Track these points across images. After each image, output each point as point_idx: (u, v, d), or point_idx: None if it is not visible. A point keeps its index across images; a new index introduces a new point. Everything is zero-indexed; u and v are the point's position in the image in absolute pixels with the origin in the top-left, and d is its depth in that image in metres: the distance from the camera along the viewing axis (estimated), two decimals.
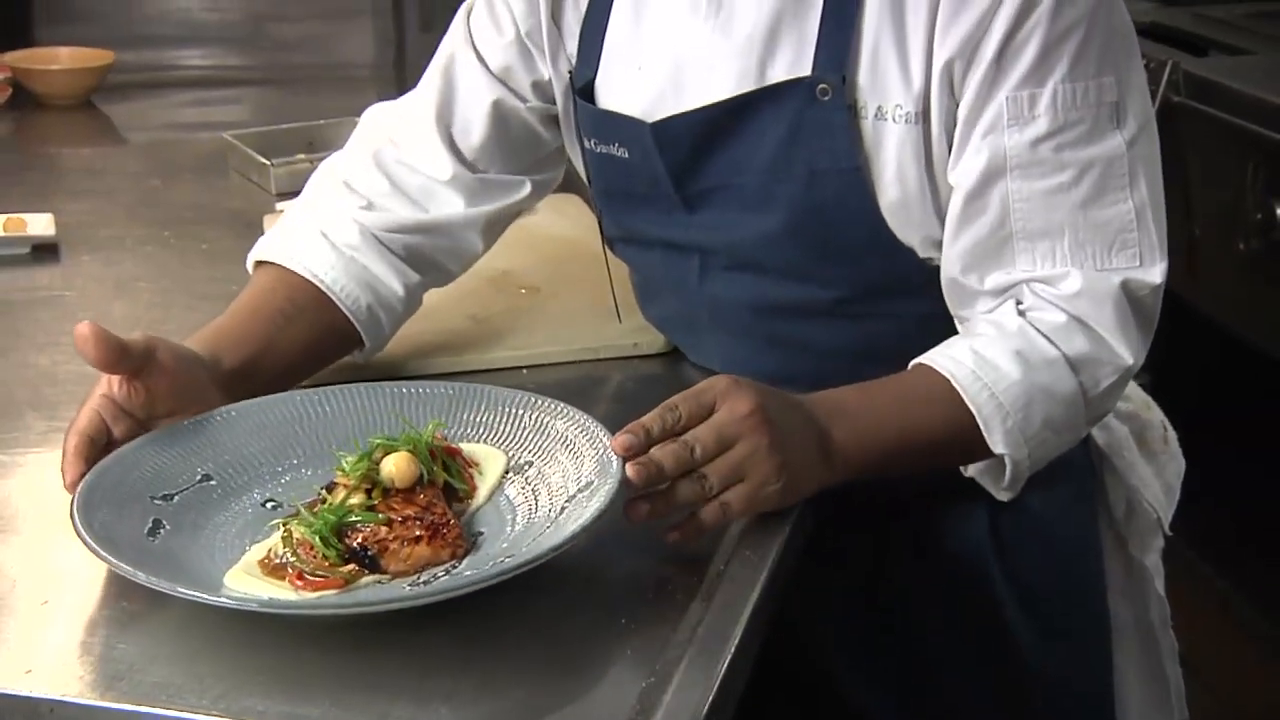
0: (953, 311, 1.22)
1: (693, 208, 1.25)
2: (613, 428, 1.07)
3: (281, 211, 1.79)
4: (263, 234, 1.66)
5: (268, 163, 1.93)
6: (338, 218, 1.31)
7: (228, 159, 2.03)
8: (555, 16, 1.31)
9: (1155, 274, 1.16)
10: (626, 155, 1.26)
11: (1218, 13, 2.59)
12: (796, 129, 1.17)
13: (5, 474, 1.21)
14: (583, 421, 1.11)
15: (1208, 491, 1.57)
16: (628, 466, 1.01)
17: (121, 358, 1.07)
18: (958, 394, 1.13)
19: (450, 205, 1.34)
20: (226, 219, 1.83)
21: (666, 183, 1.24)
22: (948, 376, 1.14)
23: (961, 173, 1.16)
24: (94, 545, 0.96)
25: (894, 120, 1.15)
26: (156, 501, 1.06)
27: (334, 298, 1.27)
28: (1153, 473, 1.39)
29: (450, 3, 2.97)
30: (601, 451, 1.06)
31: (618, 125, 1.26)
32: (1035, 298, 1.16)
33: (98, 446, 1.08)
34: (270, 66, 2.67)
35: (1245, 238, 2.16)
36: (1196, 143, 2.28)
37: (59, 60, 2.44)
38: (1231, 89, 2.20)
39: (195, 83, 2.62)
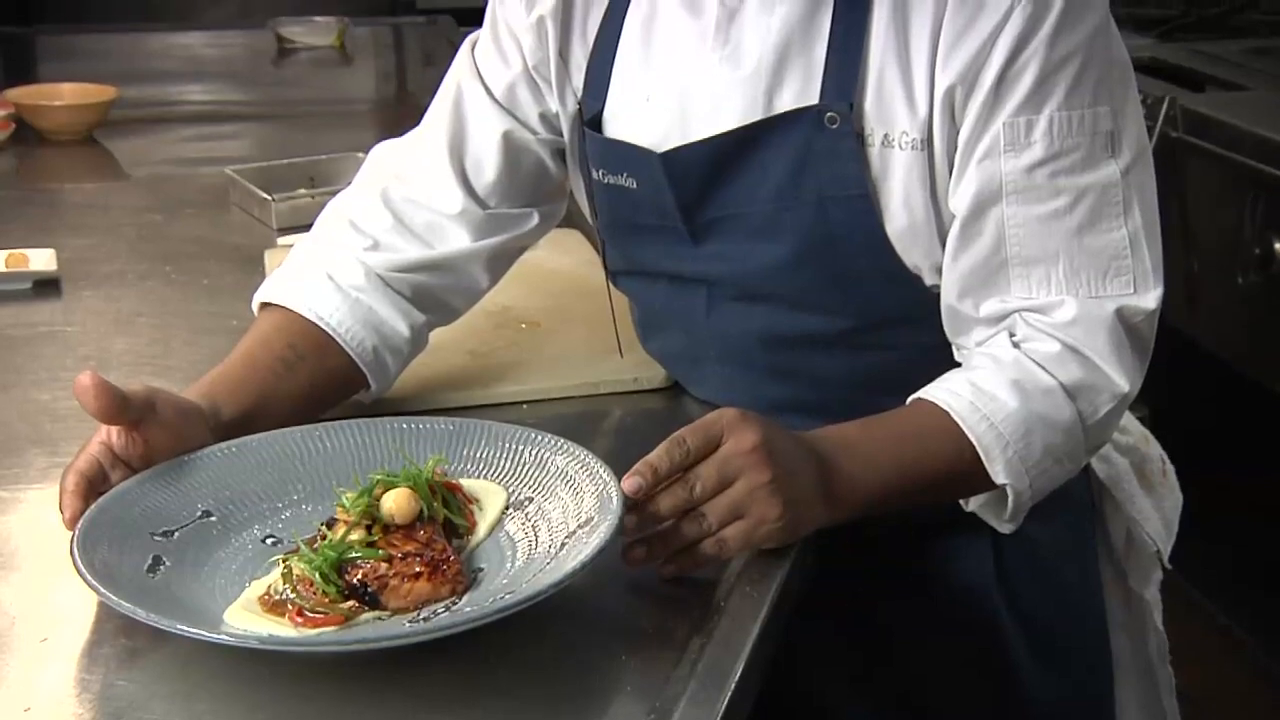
0: (951, 340, 1.22)
1: (699, 239, 1.25)
2: (613, 463, 1.07)
3: (282, 246, 1.81)
4: (264, 268, 1.69)
5: (269, 198, 1.94)
6: (343, 259, 1.31)
7: (229, 194, 2.04)
8: (563, 51, 1.31)
9: (1150, 300, 1.16)
10: (635, 185, 1.26)
11: (1214, 49, 2.61)
12: (805, 157, 1.18)
13: (5, 510, 1.21)
14: (583, 457, 1.11)
15: (1207, 525, 1.57)
16: (626, 517, 1.02)
17: (121, 409, 1.07)
18: (957, 426, 1.13)
19: (456, 240, 1.34)
20: (228, 254, 1.83)
21: (674, 214, 1.25)
22: (946, 409, 1.14)
23: (959, 198, 1.17)
24: (94, 582, 0.96)
25: (900, 147, 1.16)
26: (157, 538, 1.06)
27: (339, 341, 1.27)
28: (1151, 505, 1.40)
29: (451, 39, 3.00)
30: (602, 487, 1.06)
31: (627, 155, 1.26)
32: (1029, 328, 1.16)
33: (95, 488, 1.08)
34: (272, 101, 2.68)
35: (1244, 271, 2.17)
36: (1195, 177, 2.29)
37: (62, 96, 2.45)
38: (1229, 124, 2.21)
39: (197, 118, 2.62)
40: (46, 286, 1.70)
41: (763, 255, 1.23)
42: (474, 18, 1.43)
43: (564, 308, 1.56)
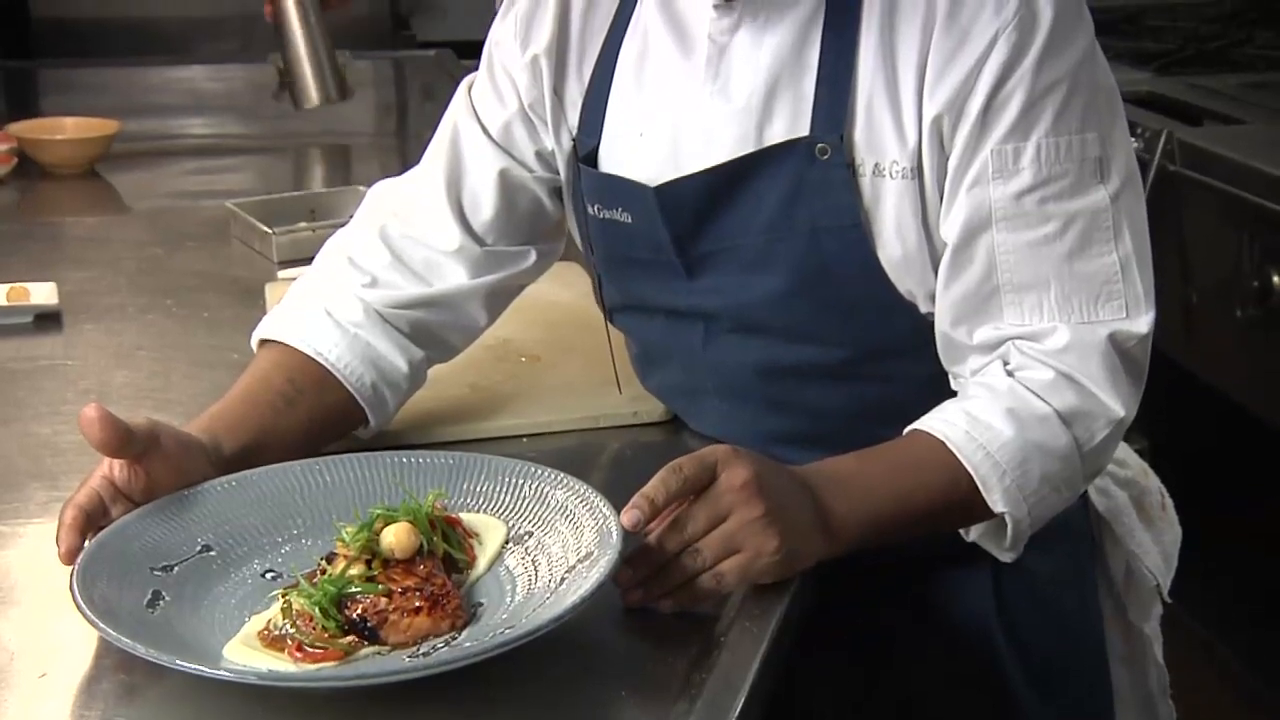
0: (946, 368, 1.22)
1: (694, 273, 1.26)
2: (613, 496, 1.07)
3: (283, 279, 1.81)
4: (264, 302, 1.70)
5: (270, 231, 1.94)
6: (342, 295, 1.31)
7: (230, 227, 2.04)
8: (558, 89, 1.32)
9: (1142, 324, 1.17)
10: (629, 220, 1.27)
11: (1211, 83, 2.62)
12: (797, 188, 1.19)
13: (5, 544, 1.21)
14: (583, 492, 1.11)
15: (1207, 558, 1.57)
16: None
17: (125, 443, 1.08)
18: (954, 456, 1.14)
19: (454, 278, 1.34)
20: (228, 287, 1.84)
21: (668, 247, 1.25)
22: (943, 440, 1.14)
23: (949, 225, 1.17)
24: (93, 618, 0.96)
25: (891, 176, 1.17)
26: (156, 572, 1.06)
27: (339, 376, 1.27)
28: (1151, 539, 1.40)
29: (451, 72, 3.01)
30: (601, 522, 1.07)
31: (621, 190, 1.27)
32: (1022, 356, 1.17)
33: (94, 523, 1.08)
34: (273, 135, 2.69)
35: (1243, 305, 2.17)
36: (1193, 211, 2.30)
37: (64, 130, 2.45)
38: (1227, 158, 2.22)
39: (198, 151, 2.63)
40: (47, 320, 1.70)
41: (757, 287, 1.23)
42: (474, 51, 1.44)
43: (564, 341, 1.57)
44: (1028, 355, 1.16)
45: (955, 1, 1.14)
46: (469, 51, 2.25)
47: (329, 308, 1.30)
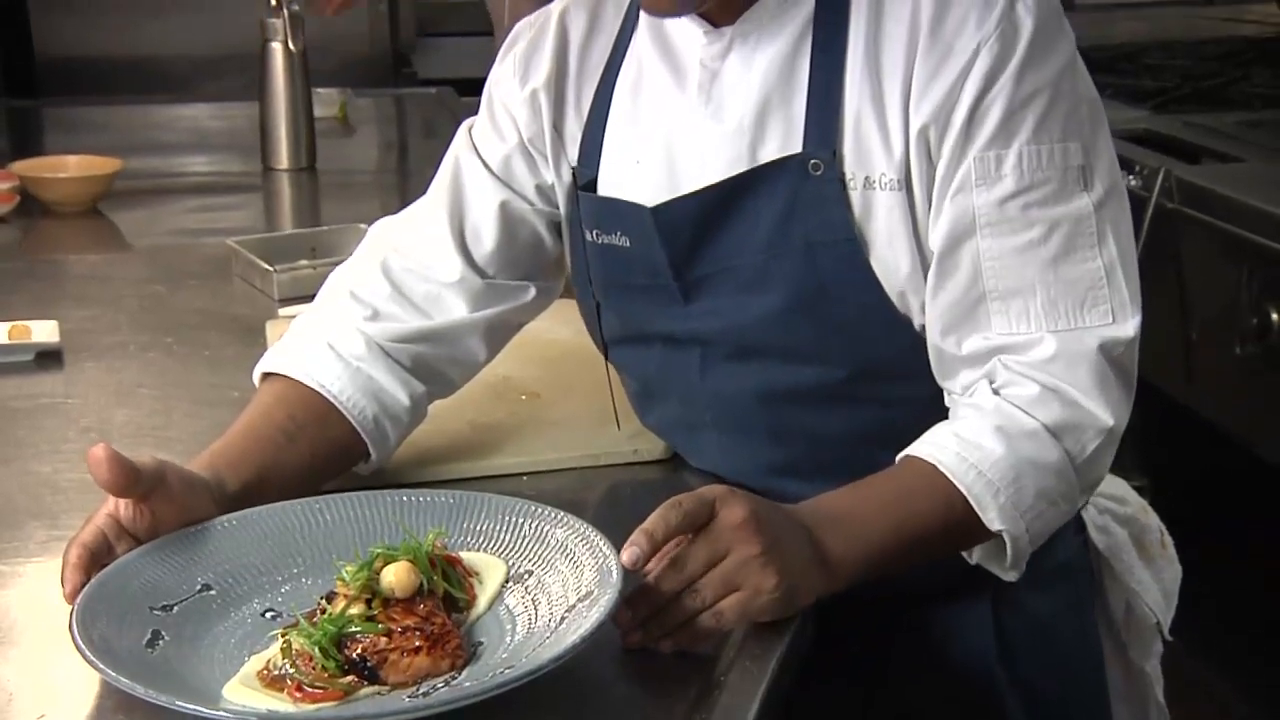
0: (940, 384, 1.23)
1: (691, 297, 1.27)
2: (613, 534, 1.07)
3: (284, 317, 1.82)
4: (265, 339, 1.70)
5: (271, 268, 1.95)
6: (344, 329, 1.32)
7: (231, 265, 2.05)
8: (557, 124, 1.34)
9: (1129, 328, 1.17)
10: (628, 244, 1.28)
11: (1209, 121, 2.63)
12: (792, 205, 1.20)
13: (5, 584, 1.21)
14: (583, 530, 1.11)
15: (1207, 596, 1.57)
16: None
17: (133, 482, 1.08)
18: (946, 479, 1.14)
19: (454, 310, 1.35)
20: (229, 325, 1.84)
21: (666, 270, 1.26)
22: (934, 463, 1.14)
23: (935, 234, 1.18)
24: (92, 658, 0.96)
25: (881, 188, 1.18)
26: (156, 612, 1.05)
27: (341, 409, 1.27)
28: (1151, 577, 1.40)
29: (452, 109, 3.02)
30: (601, 560, 1.07)
31: (619, 213, 1.28)
32: (1008, 372, 1.17)
33: (98, 561, 1.08)
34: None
35: (1242, 342, 2.17)
36: (1191, 248, 2.31)
37: (67, 168, 2.46)
38: (1224, 196, 2.23)
39: (200, 189, 2.64)
40: (49, 358, 1.71)
41: (755, 308, 1.24)
42: (475, 88, 1.46)
43: (563, 378, 1.57)
44: (1013, 370, 1.17)
45: (938, 18, 1.16)
46: (470, 89, 2.27)
47: (331, 341, 1.31)
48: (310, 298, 1.84)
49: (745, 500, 1.07)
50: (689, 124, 1.25)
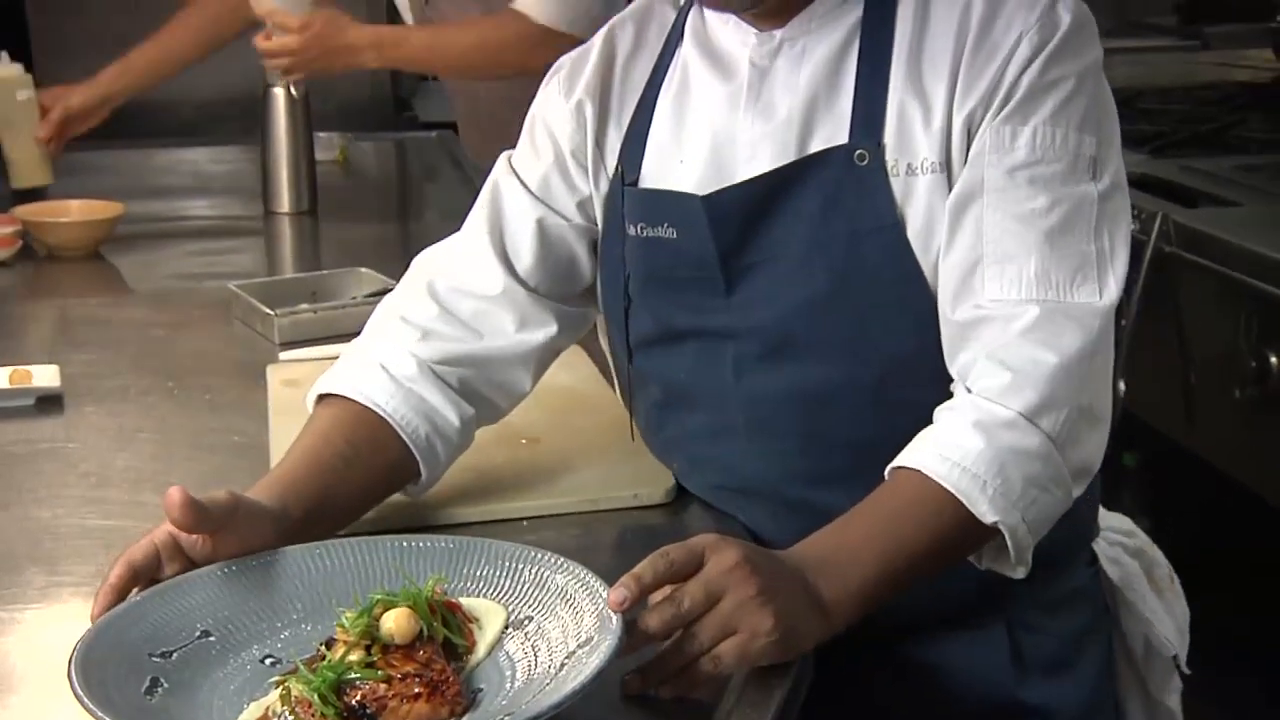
0: (949, 368, 1.23)
1: (733, 287, 1.29)
2: (614, 580, 1.06)
3: (285, 361, 1.82)
4: (266, 383, 1.70)
5: (271, 313, 1.95)
6: (395, 351, 1.34)
7: (232, 309, 2.05)
8: (598, 138, 1.38)
9: (1110, 296, 1.20)
10: (675, 235, 1.31)
11: (1206, 165, 2.64)
12: (837, 195, 1.24)
13: (4, 631, 1.20)
14: (583, 576, 1.11)
15: (1211, 639, 1.57)
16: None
17: (202, 521, 1.11)
18: (933, 483, 1.13)
19: (502, 328, 1.37)
20: (229, 369, 1.85)
21: (713, 261, 1.29)
22: (916, 468, 1.14)
23: (949, 198, 1.22)
24: (91, 706, 0.96)
25: (922, 172, 1.23)
26: (155, 658, 1.05)
27: (395, 427, 1.29)
28: (1164, 609, 1.41)
29: (452, 152, 3.02)
30: (601, 607, 1.06)
31: (667, 204, 1.31)
32: (979, 366, 1.18)
33: (141, 580, 1.10)
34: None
35: (1241, 386, 2.17)
36: (1190, 292, 2.31)
37: (70, 213, 2.47)
38: (1222, 240, 2.23)
39: (201, 233, 2.65)
40: (49, 402, 1.71)
41: (794, 297, 1.27)
42: None
43: (565, 423, 1.57)
44: (990, 360, 1.17)
45: (987, 21, 1.23)
46: None
47: (384, 363, 1.33)
48: (310, 342, 1.85)
49: (737, 545, 1.07)
50: (736, 121, 1.29)
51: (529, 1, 2.36)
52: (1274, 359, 2.11)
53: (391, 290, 1.45)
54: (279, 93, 2.67)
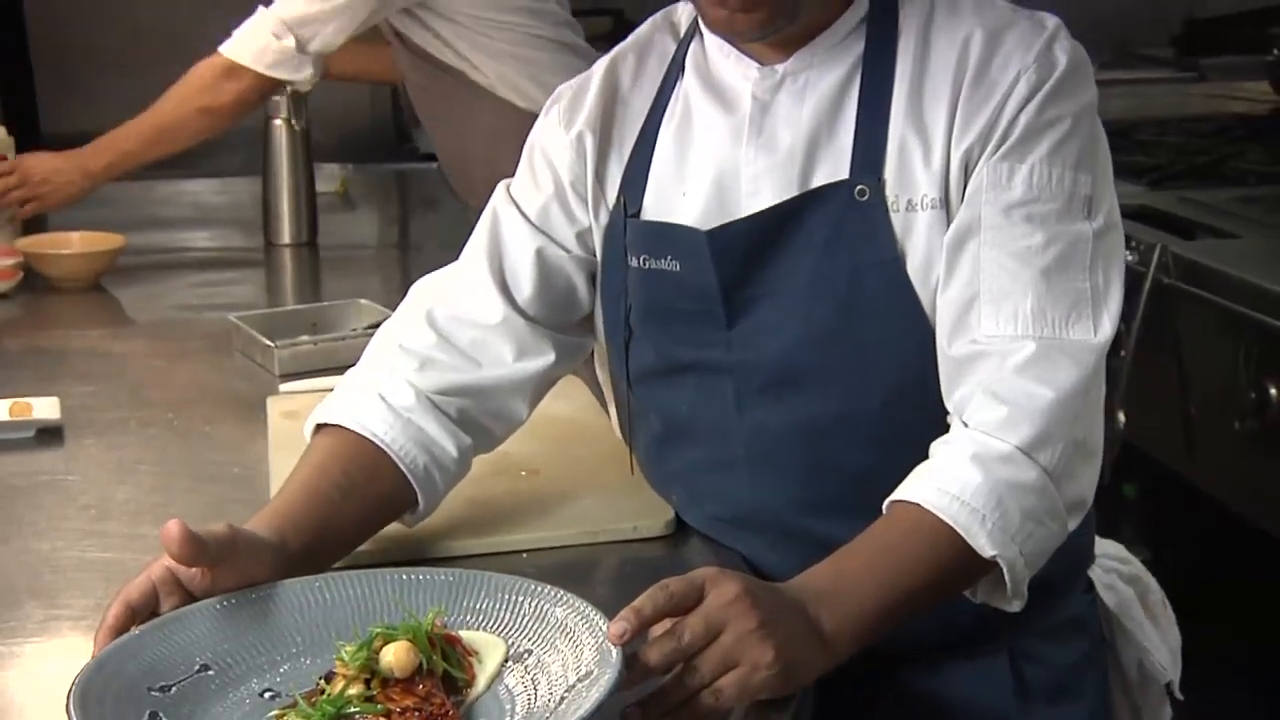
0: (946, 403, 1.23)
1: (735, 320, 1.30)
2: (612, 613, 1.06)
3: (285, 393, 1.82)
4: (266, 415, 1.70)
5: (271, 344, 1.95)
6: (393, 381, 1.34)
7: (232, 340, 2.06)
8: (599, 170, 1.38)
9: (1104, 333, 1.21)
10: (677, 268, 1.31)
11: (1204, 197, 2.65)
12: (839, 230, 1.25)
13: (2, 665, 1.20)
14: (583, 609, 1.11)
15: (1209, 669, 1.56)
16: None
17: (200, 555, 1.11)
18: (931, 516, 1.14)
19: (500, 358, 1.37)
20: (229, 401, 1.85)
21: (715, 294, 1.30)
22: (915, 503, 1.15)
23: (946, 236, 1.23)
24: None
25: (923, 209, 1.25)
26: (154, 693, 1.05)
27: (394, 458, 1.29)
28: (1159, 636, 1.42)
29: (452, 183, 3.03)
30: (601, 640, 1.06)
31: (671, 237, 1.32)
32: (975, 400, 1.18)
33: (139, 617, 1.10)
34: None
35: (1241, 417, 2.17)
36: (1188, 324, 2.31)
37: (71, 245, 2.48)
38: (1220, 272, 2.23)
39: (202, 264, 2.66)
40: (49, 434, 1.71)
41: (795, 330, 1.27)
42: None
43: (564, 454, 1.57)
44: (981, 398, 1.17)
45: (985, 59, 1.24)
46: None
47: (382, 393, 1.33)
48: (311, 374, 1.85)
49: (737, 578, 1.07)
50: (739, 154, 1.30)
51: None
52: (1273, 390, 2.11)
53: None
54: (279, 124, 2.68)
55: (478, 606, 1.15)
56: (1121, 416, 2.34)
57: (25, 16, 3.45)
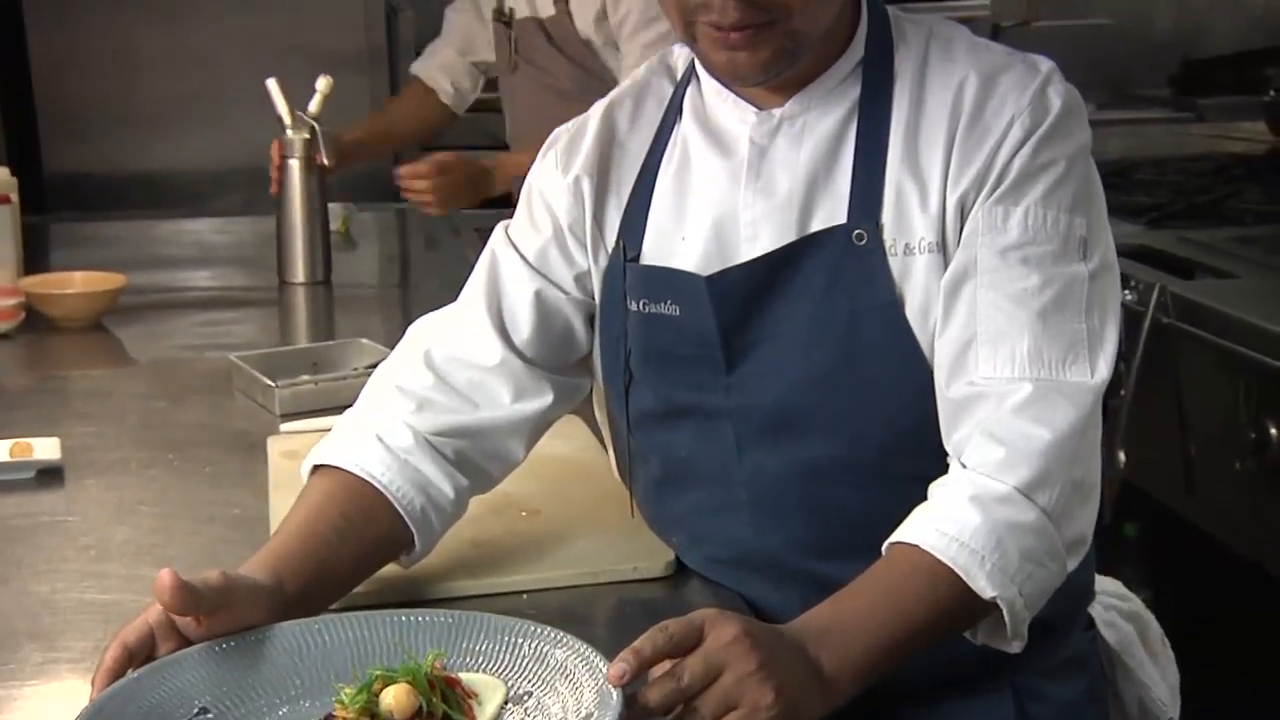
0: (945, 444, 1.23)
1: (733, 365, 1.30)
2: (612, 653, 1.06)
3: (286, 433, 1.82)
4: (267, 455, 1.70)
5: (272, 384, 1.95)
6: (390, 422, 1.34)
7: (233, 380, 2.06)
8: (597, 214, 1.38)
9: (1101, 375, 1.21)
10: (677, 313, 1.32)
11: (1203, 236, 2.66)
12: (837, 275, 1.26)
13: (1, 708, 1.20)
14: (582, 651, 1.11)
15: (1210, 709, 1.56)
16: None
17: (194, 604, 1.10)
18: (931, 558, 1.14)
19: (497, 399, 1.38)
20: (230, 441, 1.85)
21: (714, 339, 1.30)
22: (914, 544, 1.15)
23: (943, 279, 1.24)
24: None
25: (920, 252, 1.25)
26: None
27: (390, 497, 1.29)
28: (1159, 673, 1.42)
29: (453, 222, 3.04)
30: (601, 682, 1.06)
31: (671, 282, 1.32)
32: (973, 442, 1.18)
33: (136, 661, 1.09)
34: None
35: (1241, 457, 2.18)
36: (1188, 364, 2.32)
37: (73, 284, 2.48)
38: (1219, 312, 2.24)
39: (203, 304, 2.66)
40: (49, 475, 1.71)
41: (795, 374, 1.28)
42: None
43: (564, 495, 1.57)
44: (983, 434, 1.18)
45: (980, 103, 1.25)
46: None
47: (380, 434, 1.33)
48: (311, 413, 1.85)
49: (736, 620, 1.07)
50: (737, 199, 1.31)
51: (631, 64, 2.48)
52: (1273, 430, 2.11)
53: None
54: (295, 164, 2.69)
55: (477, 648, 1.15)
56: (1122, 456, 2.34)
57: (30, 59, 3.47)
